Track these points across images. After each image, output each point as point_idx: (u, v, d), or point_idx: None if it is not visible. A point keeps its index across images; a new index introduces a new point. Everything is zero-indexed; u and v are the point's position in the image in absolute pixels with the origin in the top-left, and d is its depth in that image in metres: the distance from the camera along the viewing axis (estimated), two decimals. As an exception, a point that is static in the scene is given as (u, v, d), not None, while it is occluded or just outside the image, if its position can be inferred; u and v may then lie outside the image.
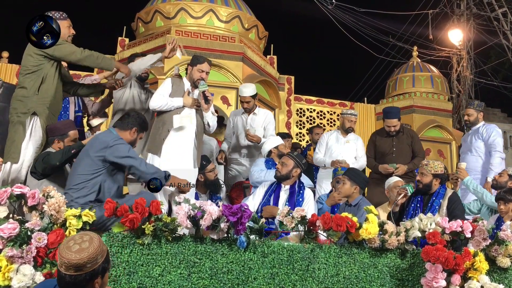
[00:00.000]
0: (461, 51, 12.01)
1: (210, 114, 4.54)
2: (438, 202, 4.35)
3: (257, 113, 5.55)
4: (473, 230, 3.55)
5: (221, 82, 8.03)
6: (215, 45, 8.15)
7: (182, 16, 8.50)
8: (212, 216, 3.14)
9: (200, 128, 4.59)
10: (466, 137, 6.24)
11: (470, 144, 6.03)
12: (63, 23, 4.19)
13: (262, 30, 9.27)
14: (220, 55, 8.11)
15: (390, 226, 3.48)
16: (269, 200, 4.29)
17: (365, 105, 10.51)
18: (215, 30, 8.44)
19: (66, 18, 4.27)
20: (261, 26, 9.22)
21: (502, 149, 5.88)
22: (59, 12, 4.25)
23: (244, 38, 8.60)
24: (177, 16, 8.48)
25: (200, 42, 8.10)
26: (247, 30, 8.87)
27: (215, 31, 8.40)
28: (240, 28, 8.74)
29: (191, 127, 4.45)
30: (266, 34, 9.43)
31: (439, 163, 4.63)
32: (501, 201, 4.44)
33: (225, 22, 8.62)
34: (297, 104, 9.86)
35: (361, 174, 4.53)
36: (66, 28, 4.24)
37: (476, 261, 3.30)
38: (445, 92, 10.55)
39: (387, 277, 3.38)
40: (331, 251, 3.36)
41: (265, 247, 3.24)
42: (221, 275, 3.08)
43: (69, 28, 4.28)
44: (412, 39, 12.52)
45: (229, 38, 8.27)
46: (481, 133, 5.99)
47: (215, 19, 8.55)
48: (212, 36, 8.24)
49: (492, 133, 5.91)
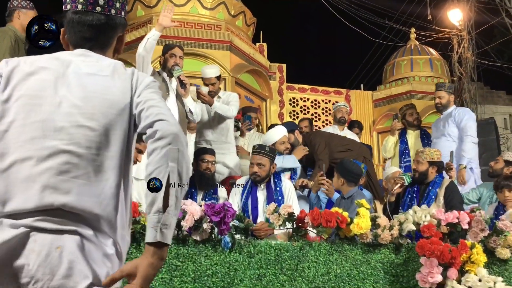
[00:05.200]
0: (462, 32, 11.98)
1: (191, 100, 4.56)
2: (434, 191, 4.36)
3: (222, 96, 5.32)
4: (470, 221, 3.56)
5: (208, 73, 7.98)
6: (200, 34, 8.10)
7: (164, 4, 8.43)
8: (194, 217, 3.14)
9: (183, 116, 4.61)
10: (438, 122, 6.11)
11: (443, 129, 5.88)
12: (29, 13, 4.14)
13: (250, 17, 9.22)
14: (206, 45, 8.06)
15: (383, 220, 3.49)
16: (247, 205, 4.24)
17: (361, 92, 10.49)
18: (199, 18, 8.38)
19: (32, 8, 4.21)
20: (249, 12, 9.17)
21: (476, 134, 5.71)
22: (26, 0, 4.19)
23: (231, 26, 8.55)
24: (158, 4, 8.42)
25: (184, 31, 8.05)
26: (233, 17, 8.83)
27: (199, 19, 8.34)
28: (226, 15, 8.69)
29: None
30: (254, 21, 9.38)
31: (435, 150, 4.64)
32: (505, 189, 4.44)
33: (210, 9, 8.57)
34: (290, 93, 9.84)
35: (349, 167, 4.50)
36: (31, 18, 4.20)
37: (473, 254, 3.31)
38: (445, 75, 10.54)
39: (380, 274, 3.39)
40: (321, 248, 3.37)
41: (251, 246, 3.25)
42: (205, 278, 3.09)
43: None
44: (410, 20, 12.47)
45: (214, 26, 8.23)
46: (453, 117, 5.84)
47: (199, 7, 8.49)
48: (197, 25, 8.19)
49: (464, 116, 5.77)
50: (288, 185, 4.38)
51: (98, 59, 1.68)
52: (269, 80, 9.28)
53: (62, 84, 1.59)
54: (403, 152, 6.34)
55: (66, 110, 1.56)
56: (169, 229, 1.47)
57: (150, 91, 1.65)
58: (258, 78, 9.02)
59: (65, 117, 1.55)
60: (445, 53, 11.92)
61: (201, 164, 4.59)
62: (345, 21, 11.59)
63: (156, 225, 1.45)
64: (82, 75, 1.61)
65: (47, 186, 1.49)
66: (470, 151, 5.55)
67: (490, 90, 14.34)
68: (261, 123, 8.94)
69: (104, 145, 1.56)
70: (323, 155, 5.34)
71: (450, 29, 12.22)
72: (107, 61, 1.69)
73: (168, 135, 1.51)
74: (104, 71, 1.64)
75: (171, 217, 1.47)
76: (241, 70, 8.16)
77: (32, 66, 1.62)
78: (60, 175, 1.50)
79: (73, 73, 1.61)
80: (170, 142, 1.50)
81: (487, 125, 8.56)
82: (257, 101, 8.99)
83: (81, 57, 1.66)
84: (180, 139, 1.53)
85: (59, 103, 1.56)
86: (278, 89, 9.62)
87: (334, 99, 9.86)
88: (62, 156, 1.52)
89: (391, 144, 6.54)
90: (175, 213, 1.49)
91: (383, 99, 10.21)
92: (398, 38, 12.38)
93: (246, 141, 5.87)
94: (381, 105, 10.19)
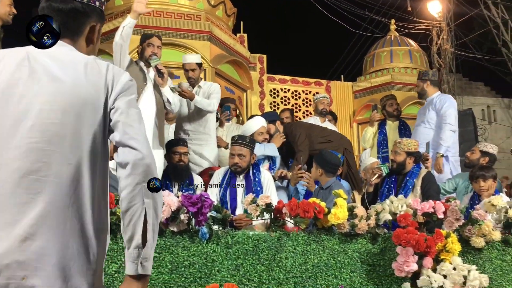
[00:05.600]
0: (441, 23, 12.09)
1: (168, 90, 4.55)
2: (411, 182, 4.41)
3: (202, 86, 5.32)
4: (446, 211, 3.61)
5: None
6: (179, 24, 8.03)
7: (140, -8, 8.35)
8: (171, 208, 3.12)
9: (160, 106, 4.59)
10: (421, 109, 6.12)
11: (424, 116, 5.87)
12: (4, 0, 4.08)
13: (230, 7, 9.17)
14: (185, 35, 8.00)
15: (360, 210, 3.51)
16: (225, 196, 4.24)
17: (342, 83, 10.52)
18: (179, 7, 8.30)
19: None
20: (229, 2, 9.12)
21: (455, 122, 5.59)
22: None
23: (211, 16, 8.49)
24: (137, -7, 8.33)
25: (163, 21, 7.97)
26: (213, 7, 8.76)
27: (179, 8, 8.26)
28: (206, 5, 8.61)
29: (150, 105, 4.44)
30: (235, 11, 9.34)
31: (412, 141, 4.69)
32: (480, 179, 4.49)
33: (190, -2, 8.50)
34: (271, 84, 9.83)
35: (328, 158, 4.52)
36: (6, 6, 4.14)
37: (448, 243, 3.34)
38: (424, 66, 10.62)
39: (357, 263, 3.42)
40: (299, 238, 3.38)
41: (229, 237, 3.25)
42: (182, 269, 3.08)
43: (10, 6, 4.17)
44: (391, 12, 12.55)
45: (194, 16, 8.16)
46: (434, 104, 5.77)
47: (179, -4, 8.43)
48: (176, 15, 8.11)
49: (445, 103, 5.65)
50: (267, 176, 4.39)
51: (70, 51, 1.65)
52: (249, 70, 9.26)
53: (32, 80, 1.55)
54: (381, 143, 6.39)
55: (37, 107, 1.52)
56: (148, 261, 1.54)
57: (127, 99, 1.63)
58: (239, 69, 8.99)
59: (36, 114, 1.51)
60: (425, 44, 12.05)
61: (174, 157, 4.57)
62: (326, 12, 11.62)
63: (137, 260, 1.52)
64: (52, 70, 1.57)
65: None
66: (447, 140, 5.47)
67: (468, 82, 14.52)
68: (242, 114, 8.92)
69: (76, 141, 1.53)
70: (303, 146, 5.36)
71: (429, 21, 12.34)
72: (80, 55, 1.65)
73: (140, 171, 1.53)
74: (77, 66, 1.60)
75: (149, 250, 1.53)
76: (221, 61, 8.12)
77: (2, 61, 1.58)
78: (31, 174, 1.47)
79: (44, 69, 1.57)
80: (143, 180, 1.53)
81: (465, 116, 8.65)
82: (238, 92, 8.96)
83: (53, 49, 1.60)
84: (152, 169, 1.55)
85: (29, 100, 1.52)
86: (259, 80, 9.60)
87: (314, 90, 9.88)
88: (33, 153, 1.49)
89: (370, 135, 6.58)
90: (153, 245, 1.55)
91: (363, 90, 10.26)
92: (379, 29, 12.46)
93: (225, 132, 5.85)
94: (361, 96, 10.25)
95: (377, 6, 12.54)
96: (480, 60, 13.09)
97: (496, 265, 3.60)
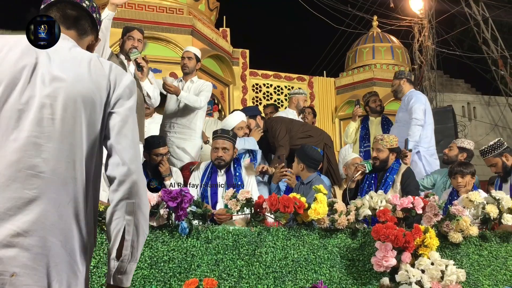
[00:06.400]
0: (423, 20, 12.18)
1: (148, 84, 4.49)
2: (392, 178, 4.44)
3: (195, 82, 5.34)
4: (424, 206, 3.64)
5: (170, 58, 7.88)
6: (161, 17, 7.99)
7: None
8: (150, 202, 3.10)
9: (140, 101, 4.53)
10: (400, 107, 6.14)
11: (397, 115, 5.92)
12: None
13: (213, 1, 9.14)
14: (167, 29, 7.96)
15: (339, 205, 3.53)
16: (206, 190, 4.23)
17: (324, 78, 10.57)
18: (161, 1, 8.25)
19: None
20: (212, -3, 9.09)
21: (422, 116, 5.59)
22: None
23: (193, 10, 8.46)
24: (118, -14, 8.24)
25: (146, 14, 7.92)
26: (196, 1, 8.72)
27: (161, 2, 8.21)
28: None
29: None
30: (217, 5, 9.31)
31: (393, 137, 4.71)
32: (458, 175, 4.53)
33: (172, -8, 8.45)
34: (253, 79, 9.83)
35: (310, 153, 4.53)
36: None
37: (426, 238, 3.37)
38: (406, 63, 10.72)
39: (337, 258, 3.44)
40: (279, 233, 3.38)
41: (209, 232, 3.24)
42: (162, 264, 3.06)
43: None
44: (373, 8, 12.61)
45: (176, 10, 8.12)
46: (404, 102, 5.81)
47: (161, -11, 8.36)
48: (158, 8, 8.07)
49: (411, 100, 5.67)
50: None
51: (74, 47, 1.64)
52: (232, 65, 9.25)
53: (36, 71, 1.52)
54: (363, 138, 6.43)
55: (39, 100, 1.50)
56: (125, 275, 1.55)
57: (129, 106, 1.64)
58: (221, 64, 8.97)
59: (38, 108, 1.49)
60: (406, 41, 12.13)
61: (155, 158, 4.41)
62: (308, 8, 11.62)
63: (111, 271, 1.55)
64: (56, 64, 1.55)
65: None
66: (414, 135, 5.49)
67: (449, 78, 14.66)
68: (224, 108, 8.91)
69: (74, 138, 1.52)
70: (283, 141, 5.36)
71: (411, 18, 12.42)
72: (84, 52, 1.64)
73: (125, 188, 1.55)
74: (81, 63, 1.59)
75: (126, 264, 1.55)
76: (204, 55, 8.07)
77: (2, 50, 1.54)
78: (28, 169, 1.45)
79: (48, 61, 1.55)
80: (127, 197, 1.55)
81: (445, 112, 8.75)
82: (220, 87, 8.95)
83: (57, 44, 1.58)
84: (138, 186, 1.57)
85: (32, 92, 1.50)
86: (241, 75, 9.59)
87: (297, 86, 9.91)
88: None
89: (352, 130, 6.61)
90: (133, 259, 1.57)
91: (345, 86, 10.32)
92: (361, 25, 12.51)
93: (204, 126, 5.84)
94: (343, 92, 10.31)
95: (360, 2, 12.59)
96: (460, 57, 13.23)
97: (473, 260, 3.65)
